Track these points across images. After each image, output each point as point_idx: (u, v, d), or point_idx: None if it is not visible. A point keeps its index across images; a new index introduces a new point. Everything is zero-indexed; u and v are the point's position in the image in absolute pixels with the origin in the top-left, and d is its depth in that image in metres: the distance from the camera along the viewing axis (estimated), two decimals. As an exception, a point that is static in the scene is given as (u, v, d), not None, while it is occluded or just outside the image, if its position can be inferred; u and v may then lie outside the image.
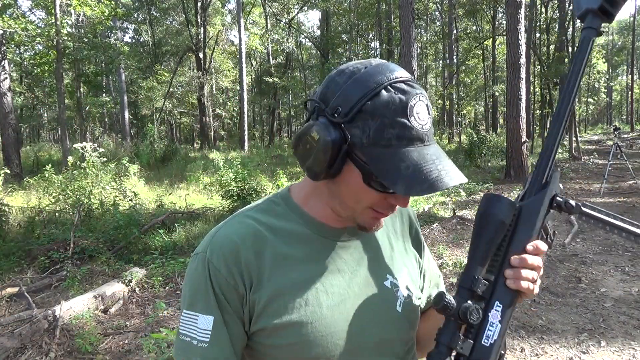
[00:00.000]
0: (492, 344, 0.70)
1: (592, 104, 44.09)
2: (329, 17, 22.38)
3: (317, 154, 0.69)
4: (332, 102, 0.70)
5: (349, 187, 0.73)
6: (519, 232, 0.73)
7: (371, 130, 0.68)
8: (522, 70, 10.68)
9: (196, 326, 0.73)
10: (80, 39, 13.14)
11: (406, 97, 0.71)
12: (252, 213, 0.80)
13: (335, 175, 0.72)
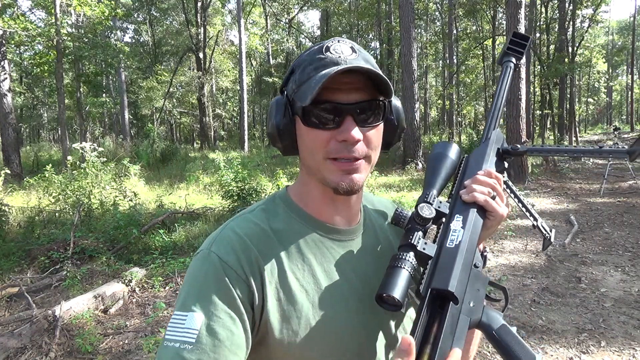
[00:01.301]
0: (457, 244, 0.70)
1: (592, 104, 44.10)
2: (329, 17, 22.39)
3: (269, 122, 0.78)
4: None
5: (302, 142, 0.76)
6: (469, 170, 0.80)
7: (296, 78, 0.75)
8: (522, 70, 10.68)
9: (182, 327, 0.67)
10: (80, 39, 13.13)
11: (324, 42, 0.76)
12: (254, 215, 0.79)
13: (289, 135, 0.77)
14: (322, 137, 0.73)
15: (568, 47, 18.60)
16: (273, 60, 29.22)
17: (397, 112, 0.82)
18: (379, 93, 0.75)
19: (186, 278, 0.74)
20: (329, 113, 0.72)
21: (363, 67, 0.69)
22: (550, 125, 23.00)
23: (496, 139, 0.85)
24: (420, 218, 0.71)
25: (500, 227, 5.16)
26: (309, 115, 0.73)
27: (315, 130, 0.73)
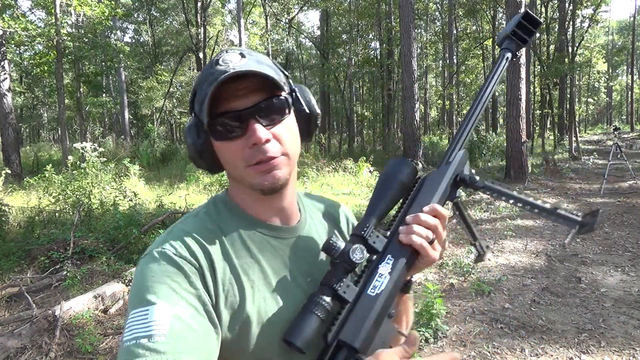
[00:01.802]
0: (378, 294, 0.67)
1: (592, 104, 44.09)
2: (329, 17, 22.38)
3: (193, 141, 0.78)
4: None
5: (221, 157, 0.78)
6: (419, 198, 0.76)
7: (197, 97, 0.76)
8: (522, 70, 10.68)
9: (145, 321, 0.63)
10: (80, 39, 13.13)
11: (216, 55, 0.77)
12: (199, 218, 0.79)
13: (209, 154, 0.78)
14: (235, 147, 0.74)
15: (568, 47, 18.59)
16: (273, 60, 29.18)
17: (306, 100, 0.83)
18: (278, 89, 0.76)
19: (137, 277, 0.70)
20: (232, 122, 0.73)
21: (246, 70, 0.70)
22: (550, 125, 23.01)
23: (459, 162, 0.81)
24: (349, 261, 0.69)
25: (500, 227, 5.14)
26: (215, 130, 0.74)
27: (226, 142, 0.74)
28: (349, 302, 0.68)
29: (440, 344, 3.20)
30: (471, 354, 3.06)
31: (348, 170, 12.70)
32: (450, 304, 3.88)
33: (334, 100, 24.10)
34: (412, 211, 0.75)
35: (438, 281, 4.41)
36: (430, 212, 0.75)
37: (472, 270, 4.64)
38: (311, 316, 0.67)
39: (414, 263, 0.74)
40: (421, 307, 3.36)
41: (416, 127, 14.37)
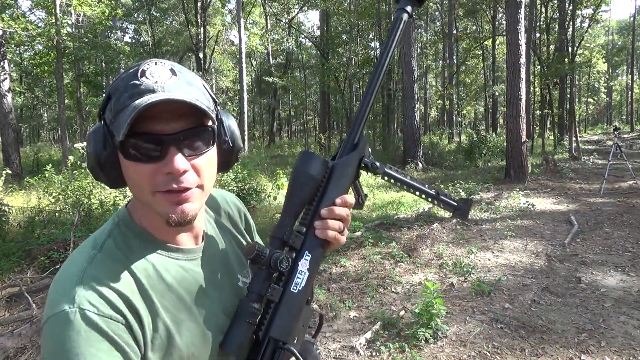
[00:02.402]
0: (300, 290, 0.75)
1: (592, 104, 44.08)
2: (329, 17, 22.37)
3: (96, 155, 0.70)
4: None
5: (126, 175, 0.70)
6: (329, 189, 0.80)
7: (112, 106, 0.68)
8: (522, 70, 10.68)
9: None
10: (80, 39, 13.13)
11: (139, 65, 0.69)
12: (106, 255, 0.70)
13: (113, 167, 0.70)
14: (146, 170, 0.67)
15: (568, 47, 18.59)
16: (273, 60, 29.21)
17: (231, 132, 0.79)
18: (206, 118, 0.70)
19: (52, 347, 0.61)
20: (149, 144, 0.66)
21: (177, 99, 0.64)
22: (550, 125, 23.01)
23: (362, 146, 0.84)
24: (277, 269, 0.74)
25: (500, 227, 5.15)
26: (128, 149, 0.66)
27: (137, 164, 0.67)
28: (275, 302, 0.75)
29: (440, 344, 3.20)
30: (471, 354, 3.06)
31: (348, 170, 12.67)
32: (450, 304, 3.88)
33: (334, 100, 24.09)
34: (324, 202, 0.79)
35: (438, 281, 4.41)
36: (342, 203, 0.80)
37: (472, 270, 4.64)
38: (243, 325, 0.72)
39: (326, 250, 0.81)
40: (421, 307, 3.37)
41: (416, 127, 14.37)
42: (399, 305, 3.89)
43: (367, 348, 3.17)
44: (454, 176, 12.02)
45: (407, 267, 4.87)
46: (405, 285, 4.35)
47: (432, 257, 5.17)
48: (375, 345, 3.17)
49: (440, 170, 13.88)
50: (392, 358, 3.01)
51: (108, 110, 0.70)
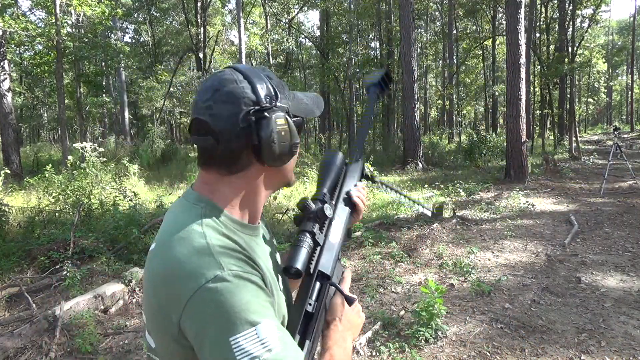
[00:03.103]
0: (335, 240, 0.97)
1: (592, 104, 44.07)
2: (329, 17, 22.37)
3: (290, 129, 0.87)
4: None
5: (294, 158, 0.91)
6: (348, 177, 1.08)
7: (303, 107, 0.95)
8: (522, 70, 10.68)
9: (257, 340, 0.68)
10: (80, 39, 13.12)
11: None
12: (215, 232, 0.79)
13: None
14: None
15: (568, 47, 18.59)
16: (273, 60, 29.19)
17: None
18: None
19: (223, 304, 0.70)
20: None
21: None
22: (550, 125, 23.00)
23: (362, 164, 1.16)
24: (323, 215, 0.94)
25: (500, 227, 5.15)
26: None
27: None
28: (320, 245, 0.93)
29: (440, 344, 3.20)
30: (471, 354, 3.06)
31: (348, 170, 12.68)
32: (450, 304, 3.88)
33: (334, 100, 24.09)
34: (345, 186, 1.06)
35: (438, 281, 4.41)
36: (360, 187, 1.08)
37: (472, 270, 4.64)
38: (302, 249, 0.87)
39: (354, 216, 1.05)
40: (421, 307, 3.36)
41: (416, 127, 14.37)
42: (399, 305, 3.89)
43: (367, 348, 3.16)
44: (454, 176, 12.02)
45: (407, 267, 4.87)
46: (405, 285, 4.35)
47: (432, 257, 5.17)
48: (375, 345, 3.17)
49: (440, 170, 13.88)
50: (392, 358, 3.01)
51: (298, 111, 0.91)
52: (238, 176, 0.84)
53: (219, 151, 0.82)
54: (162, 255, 0.78)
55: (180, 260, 0.74)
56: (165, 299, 0.75)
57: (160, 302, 0.76)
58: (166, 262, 0.76)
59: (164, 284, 0.75)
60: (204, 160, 0.85)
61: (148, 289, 0.80)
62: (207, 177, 0.85)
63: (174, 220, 0.83)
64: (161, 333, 0.78)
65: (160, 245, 0.81)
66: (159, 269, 0.78)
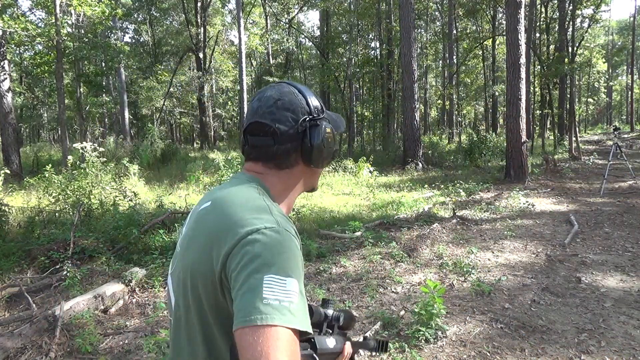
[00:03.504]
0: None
1: (592, 104, 44.07)
2: (329, 17, 22.37)
3: (332, 138, 1.03)
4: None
5: (329, 160, 1.05)
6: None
7: (337, 122, 1.10)
8: (522, 70, 10.68)
9: (284, 289, 0.77)
10: (80, 39, 13.12)
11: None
12: (276, 208, 0.91)
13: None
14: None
15: (568, 47, 18.60)
16: (273, 60, 29.19)
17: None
18: None
19: (275, 246, 0.81)
20: None
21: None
22: (550, 125, 23.00)
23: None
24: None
25: (500, 227, 5.16)
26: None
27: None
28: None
29: (440, 344, 3.20)
30: (471, 354, 3.06)
31: (348, 170, 12.69)
32: (450, 304, 3.88)
33: (334, 100, 24.09)
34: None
35: (438, 281, 4.41)
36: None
37: (472, 270, 4.64)
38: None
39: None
40: (421, 307, 3.36)
41: (416, 127, 14.37)
42: (399, 305, 3.89)
43: (367, 348, 3.16)
44: (454, 176, 12.02)
45: (407, 267, 4.87)
46: (405, 285, 4.35)
47: (432, 257, 5.17)
48: (375, 345, 3.17)
49: (440, 170, 13.88)
50: (392, 358, 3.01)
51: (332, 122, 1.05)
52: (285, 172, 0.99)
53: (274, 150, 0.96)
54: (222, 210, 0.89)
55: (242, 213, 0.86)
56: (222, 242, 0.84)
57: (214, 246, 0.85)
58: (228, 214, 0.87)
59: (224, 230, 0.85)
60: (257, 156, 0.99)
61: (197, 241, 0.91)
62: (257, 167, 1.00)
63: (231, 190, 0.95)
64: (201, 278, 0.87)
65: (219, 204, 0.92)
66: (220, 220, 0.88)
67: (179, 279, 0.93)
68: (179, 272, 0.94)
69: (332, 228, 6.52)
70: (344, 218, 7.21)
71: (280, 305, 0.75)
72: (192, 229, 0.95)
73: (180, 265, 0.95)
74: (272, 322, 0.74)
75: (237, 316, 0.76)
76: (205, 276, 0.86)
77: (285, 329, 0.74)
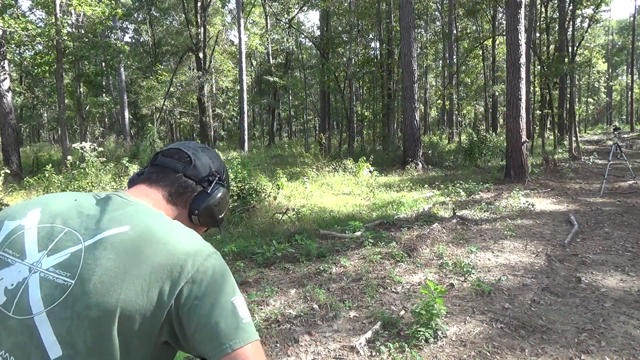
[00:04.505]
0: None
1: (592, 104, 44.08)
2: (329, 17, 22.36)
3: (224, 206, 1.09)
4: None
5: (222, 213, 1.11)
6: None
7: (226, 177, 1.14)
8: (522, 70, 10.67)
9: (244, 306, 0.87)
10: (81, 39, 13.12)
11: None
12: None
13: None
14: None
15: (568, 47, 18.59)
16: (273, 60, 29.19)
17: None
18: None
19: (224, 270, 0.89)
20: None
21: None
22: (550, 125, 23.00)
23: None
24: None
25: (500, 227, 5.15)
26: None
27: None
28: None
29: (440, 344, 3.20)
30: (471, 354, 3.06)
31: (348, 170, 12.69)
32: (450, 304, 3.88)
33: (334, 100, 24.09)
34: None
35: (438, 281, 4.41)
36: None
37: (472, 270, 4.64)
38: None
39: None
40: (421, 307, 3.36)
41: (416, 127, 14.37)
42: (399, 305, 3.89)
43: (367, 348, 3.16)
44: (454, 176, 12.02)
45: (407, 267, 4.87)
46: (405, 285, 4.35)
47: (432, 257, 5.17)
48: (375, 345, 3.17)
49: (440, 170, 13.88)
50: (392, 358, 3.01)
51: (226, 180, 1.12)
52: (170, 207, 1.00)
53: (177, 177, 1.00)
54: (161, 240, 0.85)
55: (182, 240, 0.87)
56: (168, 273, 0.82)
57: (155, 278, 0.81)
58: (168, 243, 0.85)
59: (168, 260, 0.82)
60: (159, 178, 1.00)
61: (130, 273, 0.80)
62: (151, 190, 0.99)
63: (153, 216, 0.91)
64: (136, 313, 0.79)
65: (152, 234, 0.85)
66: (158, 250, 0.83)
67: (82, 318, 0.77)
68: (81, 311, 0.77)
69: (332, 228, 6.52)
70: (344, 218, 7.21)
71: (250, 322, 0.86)
72: (110, 261, 0.81)
73: (88, 302, 0.78)
74: (256, 337, 0.85)
75: (227, 339, 0.80)
76: (141, 311, 0.79)
77: (258, 343, 0.85)
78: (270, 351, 3.15)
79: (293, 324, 3.56)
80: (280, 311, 3.76)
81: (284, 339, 3.31)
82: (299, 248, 5.45)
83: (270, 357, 3.08)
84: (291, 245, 5.55)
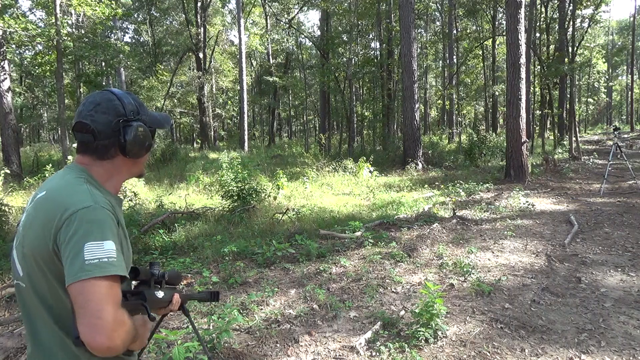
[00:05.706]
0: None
1: (592, 104, 44.07)
2: (329, 17, 22.36)
3: (146, 134, 1.27)
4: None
5: (147, 155, 1.32)
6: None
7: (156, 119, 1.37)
8: (522, 70, 10.67)
9: (102, 249, 1.05)
10: (81, 39, 13.12)
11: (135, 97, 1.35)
12: (93, 188, 1.17)
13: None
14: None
15: (568, 47, 18.58)
16: (273, 60, 29.18)
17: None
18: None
19: (91, 220, 1.08)
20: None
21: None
22: (550, 125, 23.00)
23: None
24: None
25: (500, 227, 5.16)
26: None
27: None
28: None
29: (440, 344, 3.20)
30: (471, 354, 3.06)
31: (348, 170, 12.69)
32: (450, 304, 3.88)
33: (334, 100, 24.08)
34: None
35: (438, 281, 4.41)
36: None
37: (472, 270, 4.64)
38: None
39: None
40: (421, 307, 3.37)
41: (416, 127, 14.37)
42: (399, 305, 3.89)
43: (367, 348, 3.17)
44: (454, 176, 12.02)
45: (407, 267, 4.87)
46: (405, 285, 4.35)
47: (432, 257, 5.17)
48: (375, 345, 3.17)
49: (440, 170, 13.88)
50: (392, 358, 3.01)
51: (152, 123, 1.33)
52: (107, 162, 1.23)
53: (94, 145, 1.20)
54: (55, 198, 1.13)
55: (67, 198, 1.11)
56: (53, 223, 1.08)
57: (47, 226, 1.09)
58: (57, 201, 1.12)
59: (54, 213, 1.09)
60: (83, 150, 1.22)
61: (35, 223, 1.13)
62: (85, 159, 1.23)
63: (62, 180, 1.18)
64: (40, 252, 1.10)
65: (51, 192, 1.16)
66: (51, 206, 1.11)
67: (24, 254, 1.15)
68: (22, 247, 1.16)
69: (332, 228, 6.52)
70: (344, 218, 7.21)
71: (100, 263, 1.04)
72: (31, 214, 1.17)
73: (22, 242, 1.17)
74: (92, 275, 1.02)
75: (67, 277, 1.03)
76: (43, 250, 1.10)
77: (104, 279, 1.03)
78: (270, 351, 3.16)
79: (293, 324, 3.56)
80: (280, 311, 3.77)
81: (284, 339, 3.31)
82: (299, 248, 5.45)
83: (270, 357, 3.08)
84: (291, 245, 5.55)
